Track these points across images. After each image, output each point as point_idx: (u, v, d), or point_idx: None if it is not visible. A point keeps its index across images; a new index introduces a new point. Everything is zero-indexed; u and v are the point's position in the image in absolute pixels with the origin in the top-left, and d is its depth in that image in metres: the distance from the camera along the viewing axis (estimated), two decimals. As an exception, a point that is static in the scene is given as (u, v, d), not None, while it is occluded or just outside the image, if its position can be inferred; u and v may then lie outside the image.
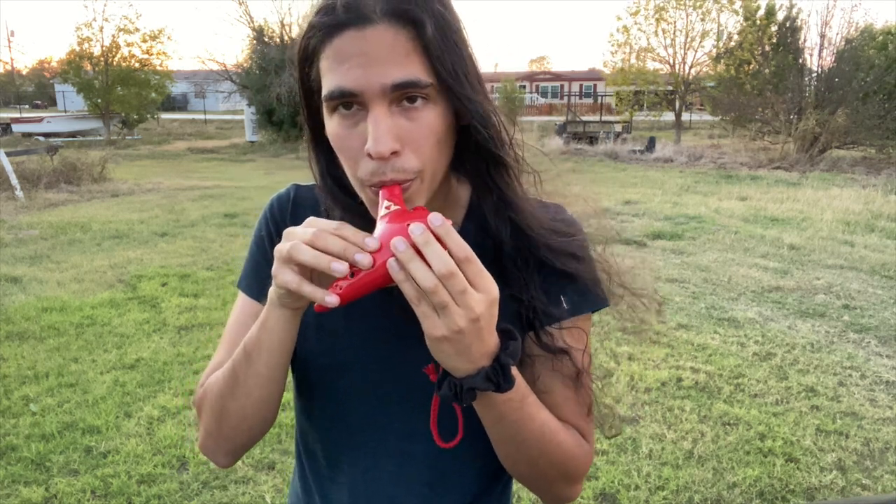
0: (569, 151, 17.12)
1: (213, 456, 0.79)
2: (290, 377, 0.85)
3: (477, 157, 0.71)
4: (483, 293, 0.58)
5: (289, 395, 0.81)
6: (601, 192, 10.44)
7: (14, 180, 9.88)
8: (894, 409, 3.31)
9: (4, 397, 3.40)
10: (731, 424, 3.15)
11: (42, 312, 4.65)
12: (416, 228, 0.56)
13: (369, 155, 0.63)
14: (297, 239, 0.61)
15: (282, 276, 0.61)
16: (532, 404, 0.69)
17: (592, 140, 18.23)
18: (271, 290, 0.66)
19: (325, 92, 0.65)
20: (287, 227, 0.74)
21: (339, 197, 0.74)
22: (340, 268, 0.58)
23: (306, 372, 0.81)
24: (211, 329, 4.37)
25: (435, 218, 0.57)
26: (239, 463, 2.79)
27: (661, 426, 3.12)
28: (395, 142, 0.63)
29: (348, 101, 0.64)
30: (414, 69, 0.62)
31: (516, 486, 2.76)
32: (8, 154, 10.67)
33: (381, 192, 0.64)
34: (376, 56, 0.62)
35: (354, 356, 0.77)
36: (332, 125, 0.67)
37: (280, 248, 0.61)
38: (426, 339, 0.60)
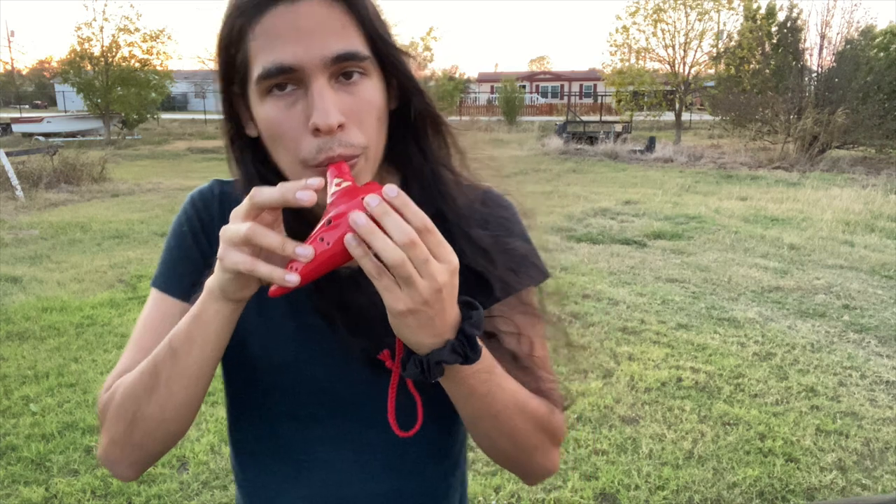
0: (569, 151, 17.14)
1: (117, 467, 0.72)
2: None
3: (421, 130, 0.70)
4: (444, 262, 0.56)
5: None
6: (601, 192, 10.45)
7: (14, 180, 9.88)
8: (894, 409, 3.31)
9: (4, 397, 3.41)
10: (731, 424, 3.15)
11: (42, 312, 4.65)
12: (372, 200, 0.54)
13: (316, 131, 0.61)
14: (237, 216, 0.58)
15: (231, 257, 0.56)
16: (500, 375, 0.67)
17: (592, 140, 18.22)
18: (211, 280, 0.61)
19: (258, 72, 0.62)
20: (216, 224, 0.72)
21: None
22: (306, 252, 0.54)
23: (243, 374, 0.77)
24: (211, 329, 4.37)
25: (390, 189, 0.54)
26: (239, 463, 2.79)
27: (661, 426, 3.13)
28: (341, 114, 0.61)
29: (284, 79, 0.62)
30: (352, 41, 0.62)
31: (517, 485, 2.73)
32: (8, 154, 10.67)
33: (328, 170, 0.61)
34: (313, 29, 0.60)
35: (296, 353, 0.75)
36: (266, 109, 0.64)
37: (229, 230, 0.57)
38: (388, 315, 0.57)
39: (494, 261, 0.72)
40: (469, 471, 2.70)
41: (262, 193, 0.56)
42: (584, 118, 24.25)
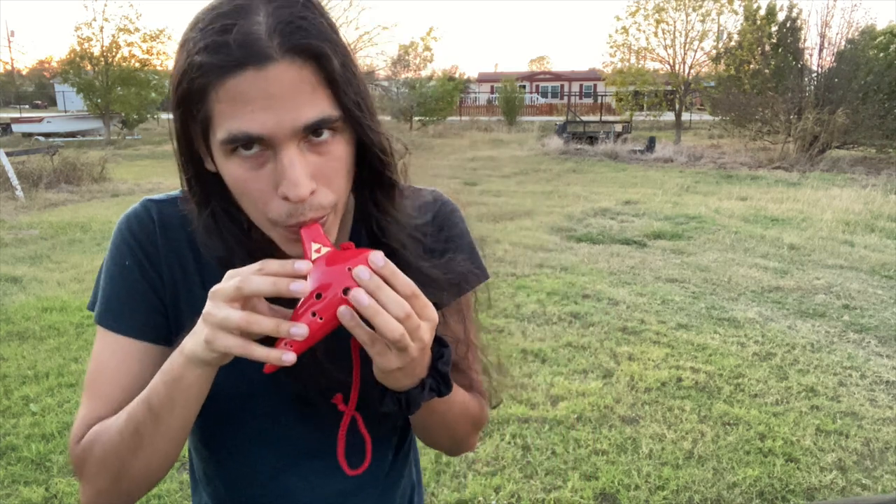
0: (569, 151, 17.14)
1: None
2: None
3: (370, 183, 0.70)
4: (429, 321, 0.59)
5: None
6: (601, 192, 10.45)
7: (14, 180, 9.88)
8: (894, 409, 3.31)
9: (4, 397, 3.41)
10: (731, 424, 3.15)
11: (42, 312, 4.65)
12: (362, 273, 0.55)
13: (286, 198, 0.60)
14: (223, 299, 0.56)
15: (222, 341, 0.56)
16: (455, 391, 0.72)
17: (592, 140, 18.22)
18: (192, 348, 0.59)
19: (223, 136, 0.59)
20: (158, 250, 0.73)
21: (229, 229, 0.69)
22: (301, 332, 0.55)
23: (211, 402, 0.74)
24: (211, 329, 4.37)
25: (376, 258, 0.56)
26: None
27: (661, 426, 3.13)
28: (311, 182, 0.60)
29: (252, 145, 0.60)
30: (323, 106, 0.60)
31: (517, 486, 2.72)
32: (8, 154, 10.67)
33: (302, 233, 0.61)
34: (282, 96, 0.57)
35: (256, 385, 0.74)
36: (232, 168, 0.61)
37: (216, 315, 0.56)
38: (375, 371, 0.62)
39: (441, 287, 0.73)
40: (469, 471, 2.71)
41: (252, 283, 0.55)
42: (584, 118, 24.24)
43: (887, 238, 7.20)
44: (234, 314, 0.55)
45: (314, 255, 0.59)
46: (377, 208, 0.71)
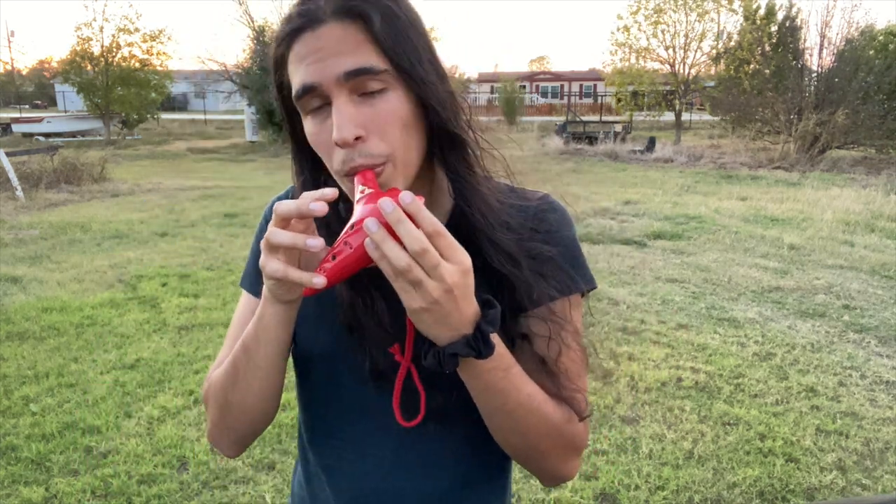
0: (569, 151, 17.13)
1: (220, 446, 0.83)
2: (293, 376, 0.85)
3: (438, 142, 0.73)
4: (456, 264, 0.60)
5: (287, 395, 0.82)
6: (601, 192, 10.45)
7: (14, 180, 9.88)
8: (894, 409, 3.31)
9: (4, 397, 3.41)
10: (731, 424, 3.15)
11: (42, 312, 4.65)
12: (387, 206, 0.58)
13: (336, 143, 0.66)
14: (272, 224, 0.63)
15: (269, 265, 0.62)
16: (517, 375, 0.70)
17: (592, 140, 18.22)
18: (264, 286, 0.68)
19: (293, 93, 0.69)
20: None
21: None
22: (315, 243, 0.60)
23: (304, 362, 0.84)
24: (211, 329, 4.37)
25: (405, 195, 0.58)
26: (239, 463, 2.79)
27: (661, 426, 3.12)
28: (357, 128, 0.66)
29: (313, 96, 0.68)
30: (366, 57, 0.66)
31: (517, 486, 2.72)
32: (8, 154, 10.67)
33: (356, 178, 0.66)
34: (328, 50, 0.66)
35: (343, 344, 0.79)
36: (307, 126, 0.71)
37: (265, 238, 0.63)
38: (407, 311, 0.62)
39: (520, 265, 0.74)
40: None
41: (283, 206, 0.61)
42: (584, 118, 24.25)
43: (887, 238, 7.20)
44: (273, 233, 0.62)
45: (358, 196, 0.64)
46: (449, 169, 0.74)
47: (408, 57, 0.67)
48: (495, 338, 0.65)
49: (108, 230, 7.62)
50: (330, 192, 0.61)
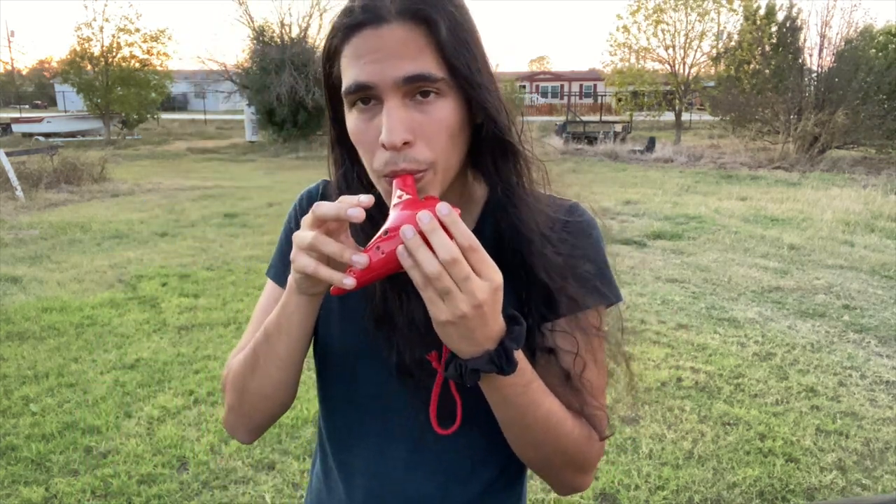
0: (569, 151, 17.13)
1: (235, 432, 0.84)
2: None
3: (490, 151, 0.73)
4: (487, 280, 0.60)
5: (301, 390, 0.81)
6: (601, 192, 10.44)
7: (14, 180, 9.88)
8: (894, 409, 3.31)
9: (4, 397, 3.40)
10: (731, 424, 3.15)
11: (42, 312, 4.65)
12: (424, 216, 0.58)
13: (383, 145, 0.65)
14: (306, 224, 0.64)
15: (300, 260, 0.63)
16: (537, 390, 0.70)
17: (592, 140, 18.22)
18: (290, 276, 0.68)
19: (345, 87, 0.68)
20: None
21: (356, 188, 0.77)
22: (361, 260, 0.60)
23: (325, 356, 0.84)
24: (211, 329, 4.37)
25: (443, 207, 0.59)
26: (239, 463, 2.79)
27: (661, 426, 3.12)
28: (407, 133, 0.65)
29: (365, 95, 0.67)
30: (425, 64, 0.65)
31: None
32: (8, 154, 10.67)
33: (394, 182, 0.66)
34: (390, 51, 0.65)
35: (367, 341, 0.79)
36: (352, 120, 0.70)
37: (298, 236, 0.63)
38: (433, 323, 0.62)
39: (565, 278, 0.75)
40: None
41: (322, 207, 0.62)
42: (584, 118, 24.24)
43: (887, 238, 7.20)
44: (308, 234, 0.62)
45: (395, 200, 0.64)
46: (500, 179, 0.74)
47: (468, 66, 0.67)
48: (518, 352, 0.65)
49: (108, 230, 7.62)
50: (366, 199, 0.61)
